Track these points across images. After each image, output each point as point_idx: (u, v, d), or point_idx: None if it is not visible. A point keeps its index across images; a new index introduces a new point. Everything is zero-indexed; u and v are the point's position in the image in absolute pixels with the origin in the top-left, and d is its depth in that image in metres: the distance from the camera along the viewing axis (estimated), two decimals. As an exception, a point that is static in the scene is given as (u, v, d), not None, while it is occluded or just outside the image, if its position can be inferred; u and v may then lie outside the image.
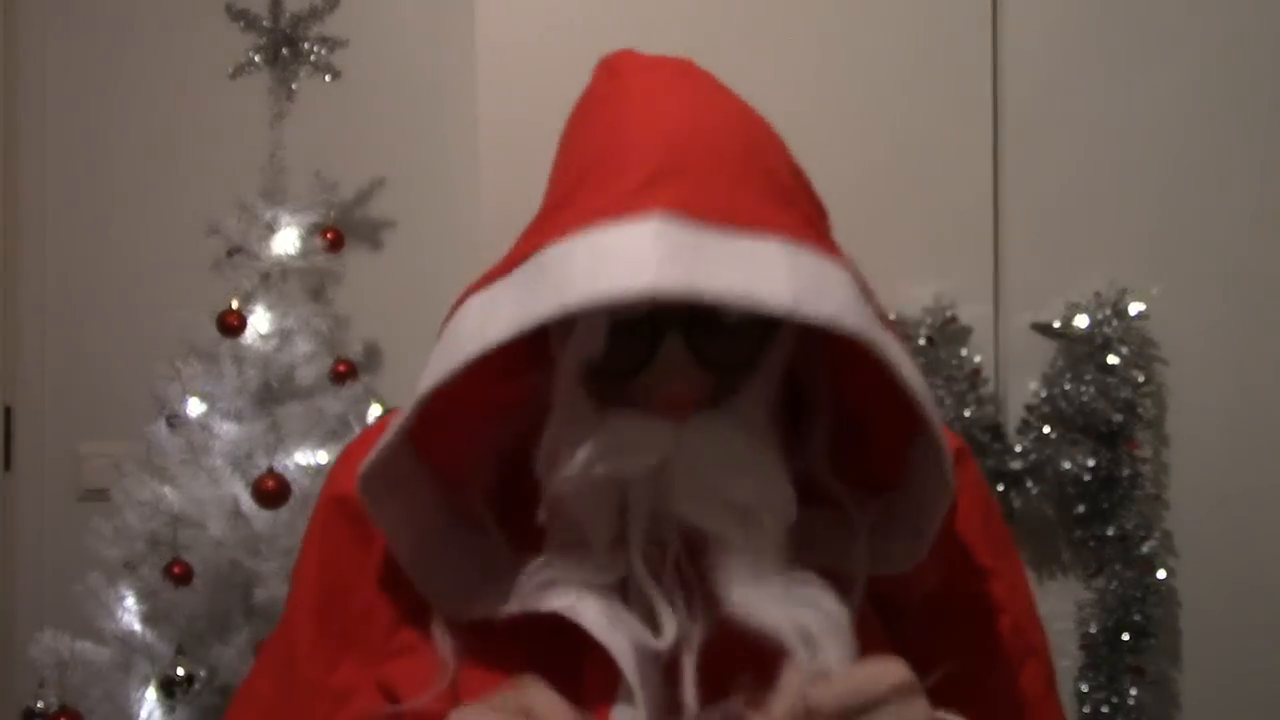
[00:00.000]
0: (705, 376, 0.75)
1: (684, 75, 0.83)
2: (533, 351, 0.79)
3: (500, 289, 0.73)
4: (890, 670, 0.68)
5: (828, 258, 0.73)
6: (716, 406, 0.76)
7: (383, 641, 0.83)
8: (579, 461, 0.74)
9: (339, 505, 0.86)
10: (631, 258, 0.68)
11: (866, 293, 0.75)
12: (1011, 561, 0.90)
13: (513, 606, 0.75)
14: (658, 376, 0.74)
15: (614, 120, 0.79)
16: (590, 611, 0.73)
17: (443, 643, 0.78)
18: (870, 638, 0.73)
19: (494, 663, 0.76)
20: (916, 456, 0.78)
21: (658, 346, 0.74)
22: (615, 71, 0.83)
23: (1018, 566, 0.91)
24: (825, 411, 0.82)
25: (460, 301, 0.76)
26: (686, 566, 0.74)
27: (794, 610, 0.71)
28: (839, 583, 0.75)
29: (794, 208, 0.76)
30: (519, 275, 0.73)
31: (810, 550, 0.77)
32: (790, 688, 0.68)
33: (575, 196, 0.76)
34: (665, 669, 0.72)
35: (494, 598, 0.76)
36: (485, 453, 0.81)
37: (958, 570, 0.84)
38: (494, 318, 0.72)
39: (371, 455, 0.77)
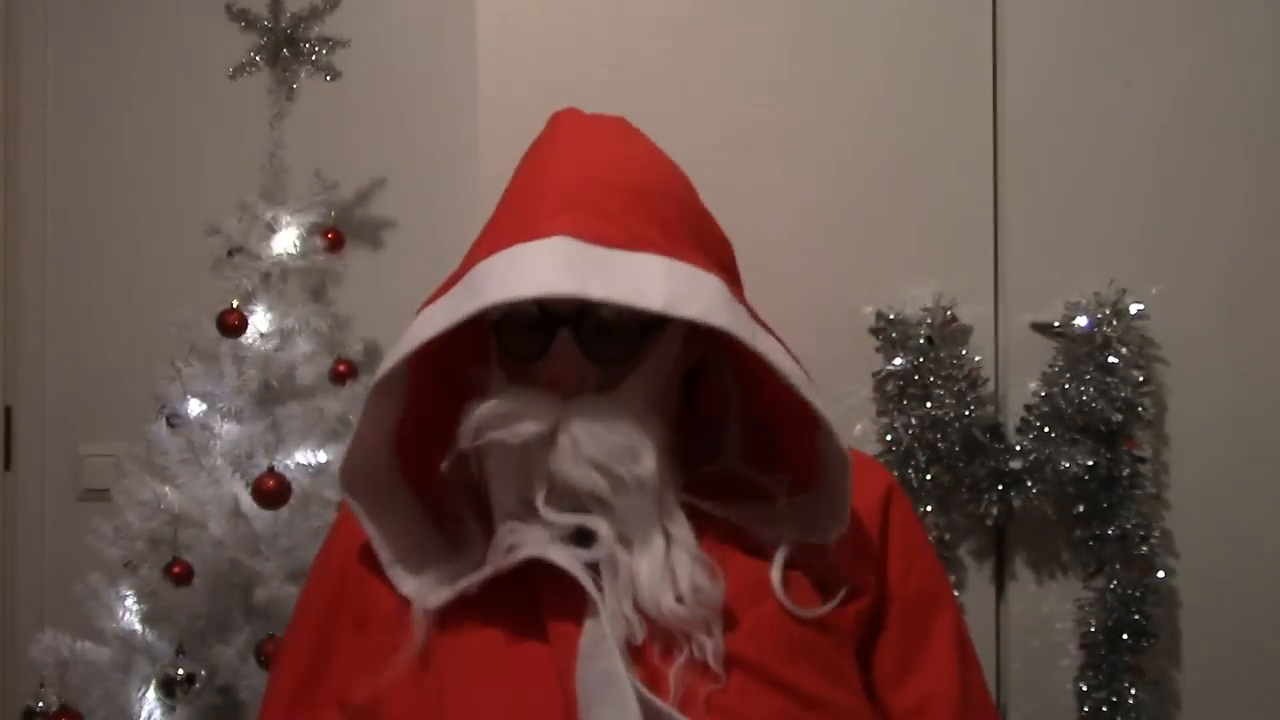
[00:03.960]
0: (591, 368, 0.94)
1: (608, 132, 1.03)
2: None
3: (442, 301, 0.93)
4: None
5: (700, 268, 0.92)
6: (601, 394, 0.94)
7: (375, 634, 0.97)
8: (474, 422, 0.91)
9: (351, 555, 1.02)
10: (534, 269, 0.88)
11: (739, 297, 0.95)
12: (943, 582, 1.13)
13: (487, 570, 0.91)
14: (548, 362, 0.93)
15: (541, 163, 1.00)
16: (555, 551, 0.89)
17: (418, 630, 0.92)
18: (800, 593, 0.96)
19: (466, 624, 0.92)
20: (822, 448, 0.96)
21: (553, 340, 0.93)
22: (556, 124, 1.04)
23: (947, 588, 1.14)
24: (734, 414, 1.02)
25: (417, 313, 0.96)
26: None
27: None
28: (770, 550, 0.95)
29: (675, 238, 0.95)
30: (456, 290, 0.93)
31: (746, 527, 0.96)
32: None
33: (503, 223, 0.97)
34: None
35: (466, 579, 0.92)
36: (462, 463, 0.96)
37: (896, 580, 1.06)
38: (431, 321, 0.92)
39: (344, 456, 0.96)
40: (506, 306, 0.90)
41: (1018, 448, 1.53)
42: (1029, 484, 1.52)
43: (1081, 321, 1.53)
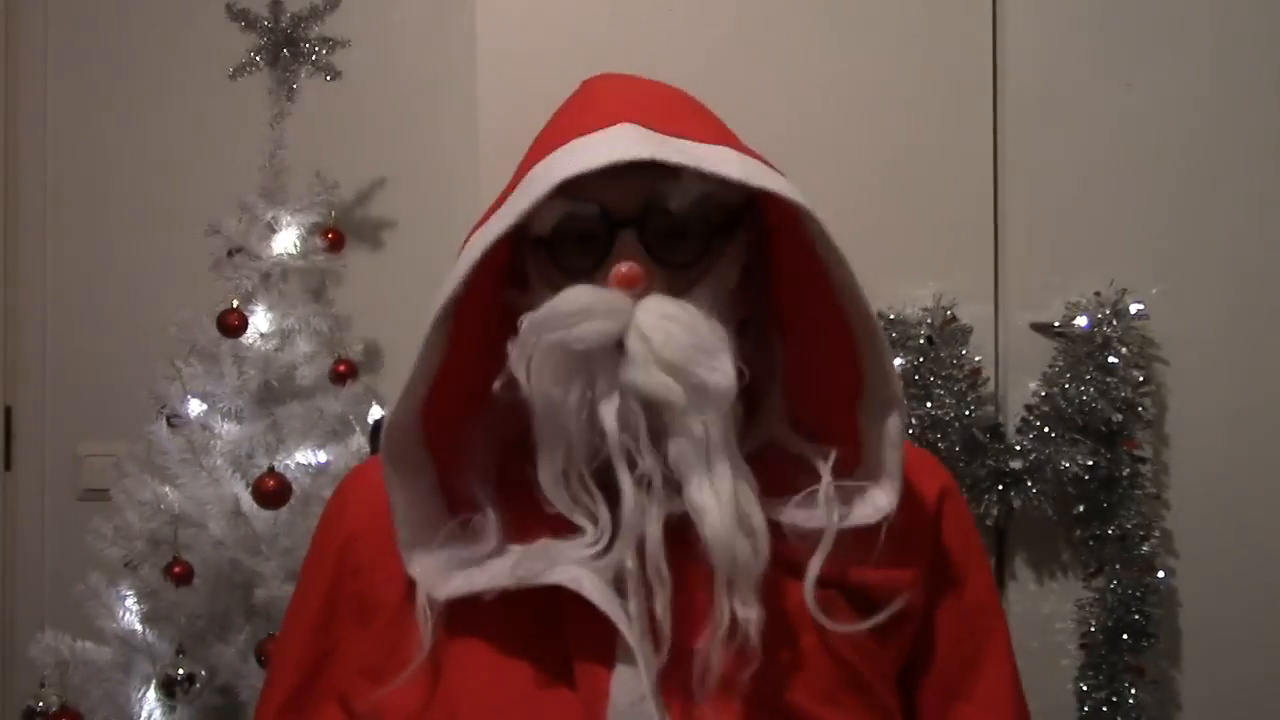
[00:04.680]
0: (658, 273, 0.84)
1: (643, 77, 0.97)
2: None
3: (493, 219, 0.84)
4: None
5: (772, 167, 0.86)
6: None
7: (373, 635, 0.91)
8: (533, 323, 0.80)
9: (349, 544, 0.95)
10: (602, 146, 0.80)
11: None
12: (996, 597, 1.01)
13: (512, 581, 0.81)
14: (612, 262, 0.83)
15: (581, 98, 0.93)
16: (589, 584, 0.79)
17: (424, 624, 0.83)
18: (838, 616, 0.83)
19: (480, 637, 0.85)
20: (866, 423, 0.87)
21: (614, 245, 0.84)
22: (585, 83, 0.97)
23: (999, 603, 1.02)
24: (779, 376, 0.91)
25: (465, 242, 0.86)
26: (653, 452, 0.80)
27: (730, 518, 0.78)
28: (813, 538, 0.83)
29: (740, 145, 0.89)
30: (512, 197, 0.84)
31: (785, 506, 0.84)
32: None
33: (550, 136, 0.88)
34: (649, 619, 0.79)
35: (483, 576, 0.83)
36: (484, 446, 0.89)
37: (948, 590, 0.95)
38: (488, 232, 0.82)
39: (390, 418, 0.86)
40: (556, 219, 0.83)
41: (1018, 448, 1.53)
42: (1029, 484, 1.52)
43: (1081, 321, 1.53)
